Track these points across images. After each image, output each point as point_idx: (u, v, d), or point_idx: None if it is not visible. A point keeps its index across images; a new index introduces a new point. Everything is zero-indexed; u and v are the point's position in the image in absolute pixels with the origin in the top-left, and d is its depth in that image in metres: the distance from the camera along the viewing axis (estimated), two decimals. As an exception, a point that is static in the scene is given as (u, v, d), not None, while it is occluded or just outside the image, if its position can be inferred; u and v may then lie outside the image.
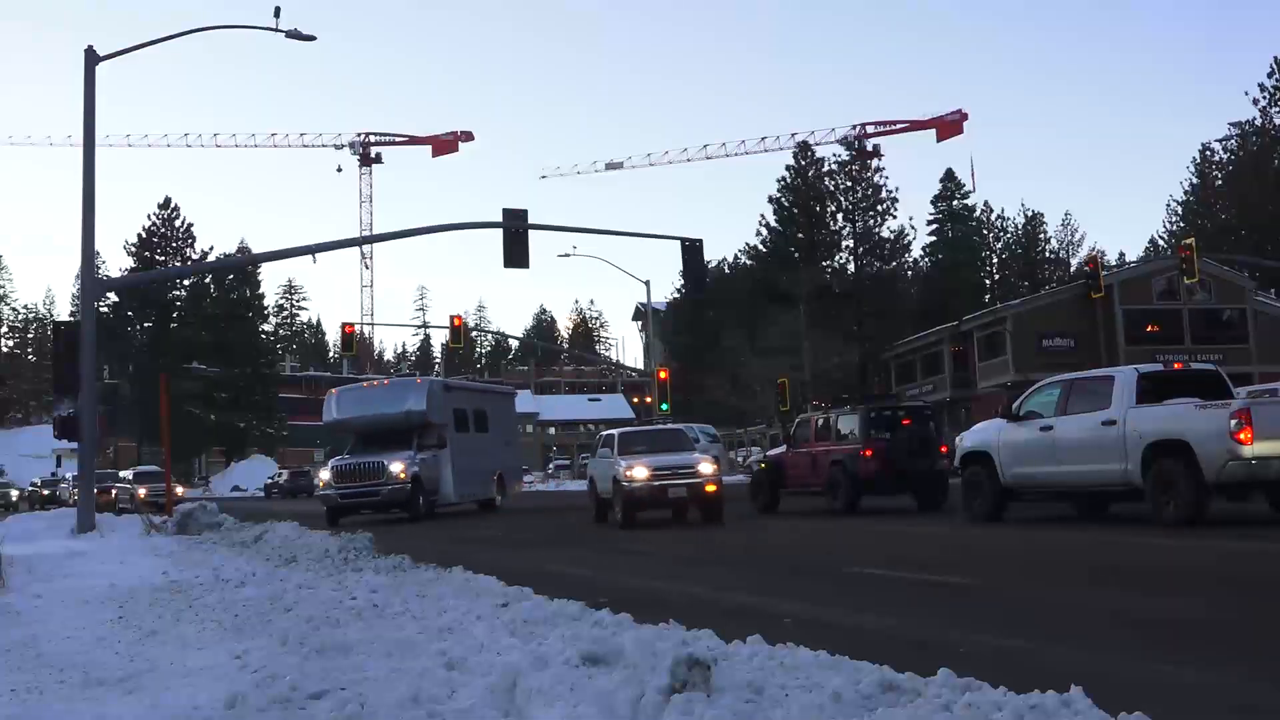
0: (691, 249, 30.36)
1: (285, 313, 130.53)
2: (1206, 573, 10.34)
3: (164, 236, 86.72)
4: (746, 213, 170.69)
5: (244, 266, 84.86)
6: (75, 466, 33.73)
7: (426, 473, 27.47)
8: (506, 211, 27.20)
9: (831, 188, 70.34)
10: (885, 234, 69.41)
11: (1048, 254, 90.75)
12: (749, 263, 76.31)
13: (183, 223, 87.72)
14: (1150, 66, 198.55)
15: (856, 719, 4.61)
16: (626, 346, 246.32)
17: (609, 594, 9.59)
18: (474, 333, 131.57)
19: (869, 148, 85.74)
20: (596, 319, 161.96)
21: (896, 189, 69.49)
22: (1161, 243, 79.38)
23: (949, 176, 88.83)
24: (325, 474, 28.05)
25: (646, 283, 64.68)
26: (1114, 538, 13.82)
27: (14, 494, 55.78)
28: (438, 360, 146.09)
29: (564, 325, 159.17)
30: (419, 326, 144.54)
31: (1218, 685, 5.70)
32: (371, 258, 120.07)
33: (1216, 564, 10.99)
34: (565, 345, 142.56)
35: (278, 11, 24.62)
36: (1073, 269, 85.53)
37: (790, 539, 16.70)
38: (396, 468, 26.48)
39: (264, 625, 8.30)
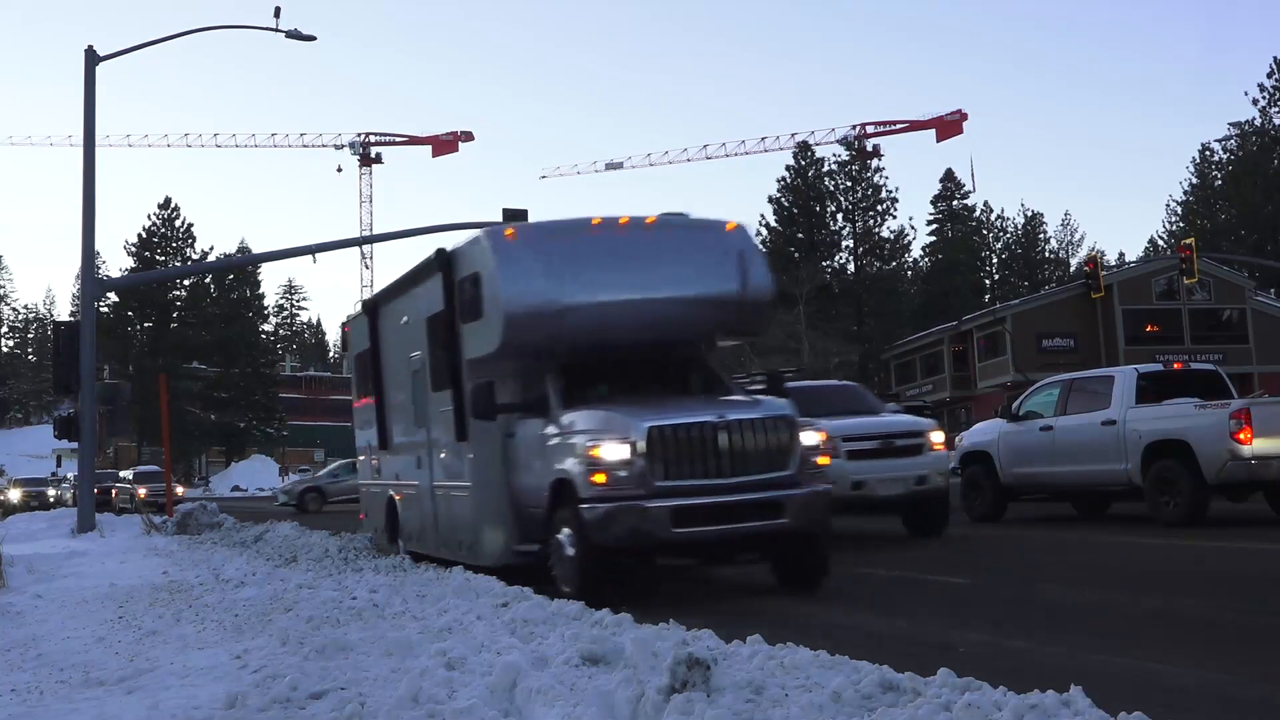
0: (691, 249, 30.27)
1: (285, 313, 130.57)
2: (1206, 573, 10.34)
3: (164, 236, 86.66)
4: (746, 213, 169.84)
5: (244, 266, 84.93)
6: (75, 466, 33.70)
7: None
8: (506, 211, 27.17)
9: (831, 188, 70.46)
10: (885, 234, 69.62)
11: (1048, 254, 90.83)
12: (749, 263, 76.16)
13: (183, 223, 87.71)
14: (1150, 67, 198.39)
15: (856, 719, 4.61)
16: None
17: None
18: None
19: (869, 148, 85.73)
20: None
21: (896, 189, 69.84)
22: (1161, 243, 79.48)
23: (949, 176, 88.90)
24: (614, 448, 9.41)
25: (647, 282, 64.47)
26: (1114, 538, 13.82)
27: (51, 493, 52.11)
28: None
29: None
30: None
31: (1218, 685, 5.70)
32: (371, 258, 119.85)
33: (1216, 564, 10.99)
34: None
35: (278, 11, 24.69)
36: (1073, 269, 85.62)
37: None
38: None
39: (264, 625, 8.30)
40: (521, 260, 10.84)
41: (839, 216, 69.73)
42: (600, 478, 9.27)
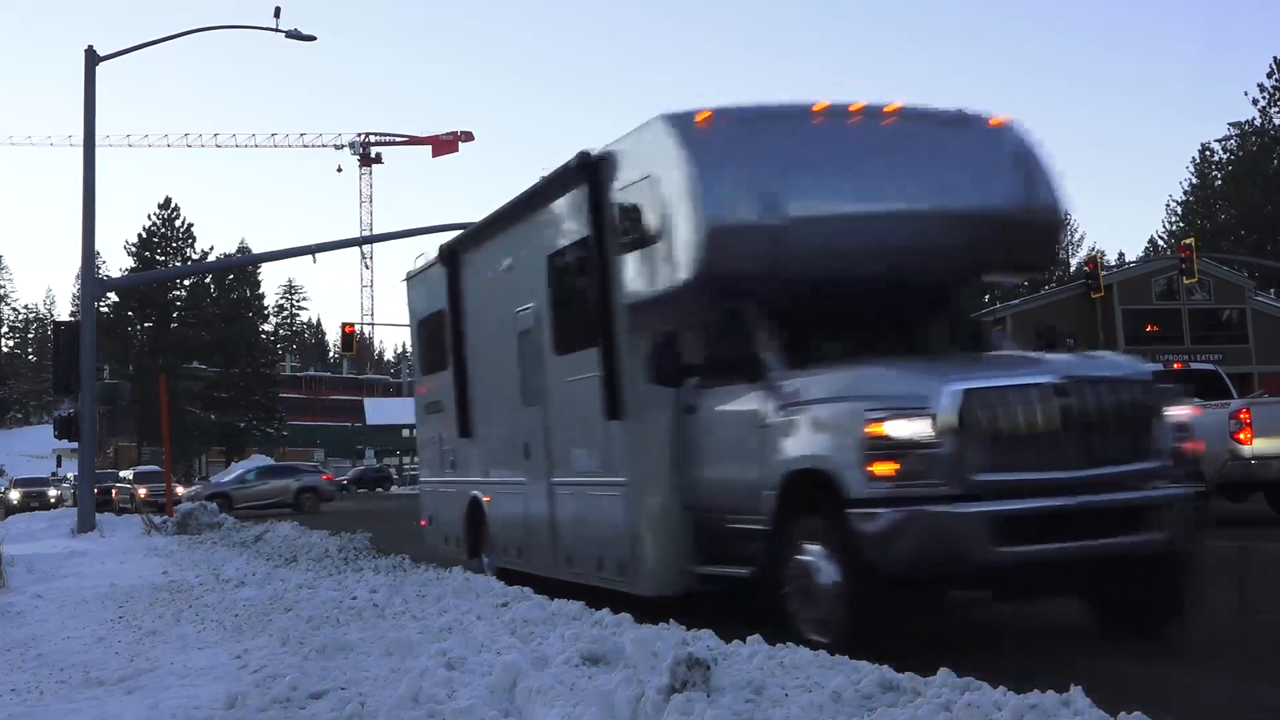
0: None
1: (285, 313, 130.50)
2: (1205, 573, 10.32)
3: (164, 236, 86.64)
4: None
5: (244, 266, 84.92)
6: (75, 466, 33.67)
7: None
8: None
9: (831, 187, 70.38)
10: (885, 234, 69.45)
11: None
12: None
13: (183, 223, 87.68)
14: (1150, 67, 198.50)
15: (856, 719, 4.61)
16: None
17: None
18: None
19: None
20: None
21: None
22: (1161, 243, 79.41)
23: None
24: (909, 424, 6.24)
25: (647, 283, 64.37)
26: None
27: (51, 493, 50.20)
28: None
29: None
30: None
31: (1217, 685, 5.70)
32: (371, 258, 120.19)
33: (1215, 564, 10.97)
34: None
35: (278, 11, 24.70)
36: (1073, 269, 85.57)
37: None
38: None
39: (264, 625, 8.30)
40: (724, 156, 7.67)
41: (839, 216, 69.77)
42: (886, 468, 6.18)
